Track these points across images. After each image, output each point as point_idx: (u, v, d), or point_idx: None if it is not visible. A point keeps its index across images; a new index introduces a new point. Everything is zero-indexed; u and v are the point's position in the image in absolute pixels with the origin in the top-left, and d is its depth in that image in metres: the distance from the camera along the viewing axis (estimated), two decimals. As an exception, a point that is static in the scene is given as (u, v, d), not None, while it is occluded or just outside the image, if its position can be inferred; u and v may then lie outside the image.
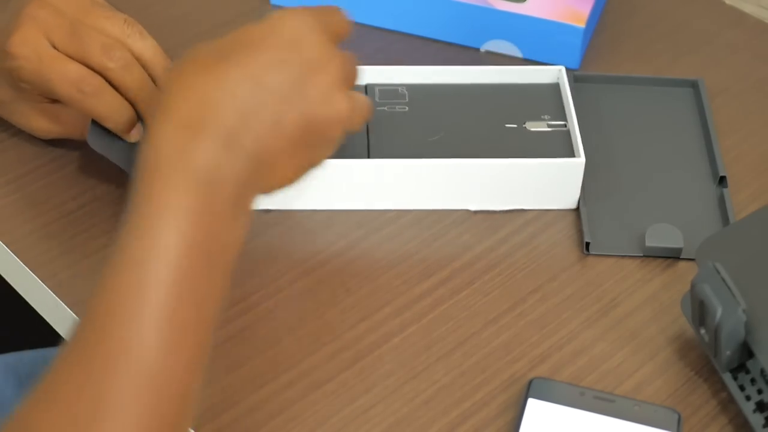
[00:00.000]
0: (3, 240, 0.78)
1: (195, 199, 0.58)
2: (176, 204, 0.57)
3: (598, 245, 0.79)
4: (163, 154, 0.59)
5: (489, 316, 0.75)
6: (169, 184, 0.58)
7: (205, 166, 0.58)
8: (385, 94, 0.84)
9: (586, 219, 0.80)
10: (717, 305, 0.66)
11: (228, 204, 0.59)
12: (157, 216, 0.57)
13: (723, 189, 0.82)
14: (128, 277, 0.56)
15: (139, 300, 0.56)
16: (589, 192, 0.82)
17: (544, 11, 0.91)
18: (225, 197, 0.59)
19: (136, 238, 0.57)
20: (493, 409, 0.69)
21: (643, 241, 0.78)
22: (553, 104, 0.84)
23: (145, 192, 0.58)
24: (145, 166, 0.59)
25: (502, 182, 0.79)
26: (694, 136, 0.86)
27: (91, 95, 0.76)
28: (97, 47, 0.76)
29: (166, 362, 0.56)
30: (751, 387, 0.67)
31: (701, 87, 0.89)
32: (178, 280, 0.57)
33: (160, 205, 0.58)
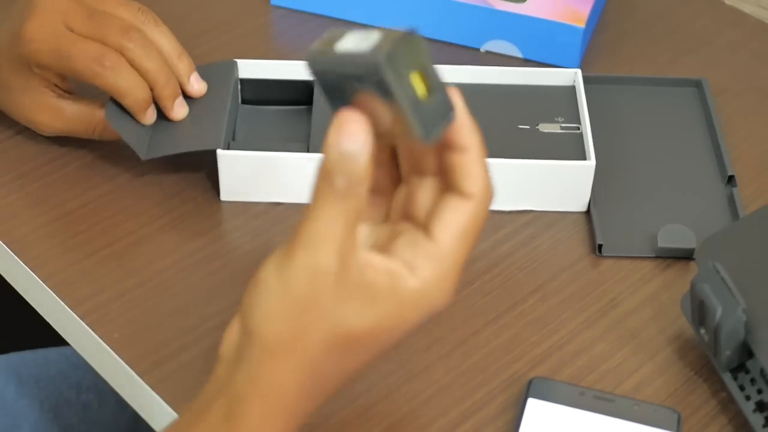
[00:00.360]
0: (3, 240, 0.78)
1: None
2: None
3: (611, 247, 0.78)
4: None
5: (489, 315, 0.75)
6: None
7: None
8: None
9: (598, 220, 0.79)
10: (717, 305, 0.66)
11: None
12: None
13: (732, 188, 0.82)
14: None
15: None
16: (599, 193, 0.81)
17: (544, 11, 0.91)
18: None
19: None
20: (493, 408, 0.69)
21: (654, 241, 0.78)
22: (566, 106, 0.84)
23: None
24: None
25: (513, 183, 0.79)
26: (700, 135, 0.86)
27: (111, 69, 0.77)
28: (116, 28, 0.77)
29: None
30: (751, 387, 0.67)
31: (705, 86, 0.89)
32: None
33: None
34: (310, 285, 0.56)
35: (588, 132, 0.81)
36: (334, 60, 0.56)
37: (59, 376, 0.94)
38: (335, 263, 0.56)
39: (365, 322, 0.57)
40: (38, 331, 0.92)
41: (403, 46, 0.54)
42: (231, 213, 0.80)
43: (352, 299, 0.57)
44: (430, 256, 0.58)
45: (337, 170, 0.56)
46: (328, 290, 0.56)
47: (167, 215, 0.80)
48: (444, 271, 0.58)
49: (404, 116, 0.55)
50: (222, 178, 0.80)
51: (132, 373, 0.71)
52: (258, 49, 0.93)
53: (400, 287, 0.57)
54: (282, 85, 0.85)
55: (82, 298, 0.75)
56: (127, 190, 0.82)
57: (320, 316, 0.57)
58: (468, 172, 0.59)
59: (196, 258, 0.77)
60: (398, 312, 0.58)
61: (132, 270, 0.76)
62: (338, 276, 0.56)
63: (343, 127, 0.56)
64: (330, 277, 0.56)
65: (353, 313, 0.57)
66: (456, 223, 0.59)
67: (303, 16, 0.97)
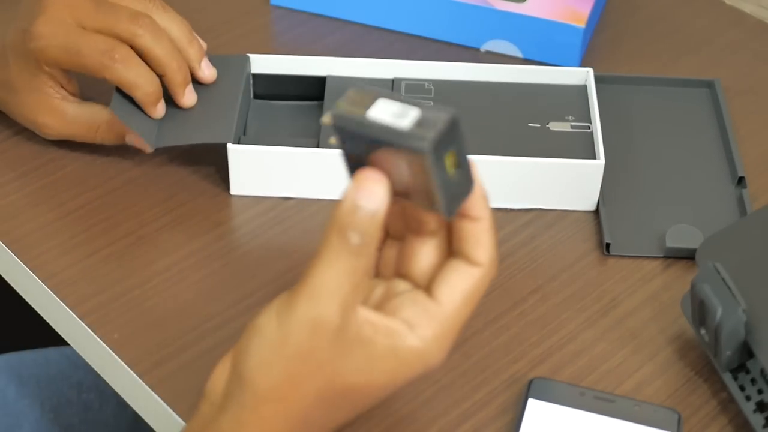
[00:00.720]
0: (3, 240, 0.78)
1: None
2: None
3: (618, 246, 0.78)
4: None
5: (489, 315, 0.75)
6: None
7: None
8: (411, 88, 0.85)
9: (606, 220, 0.79)
10: (717, 305, 0.66)
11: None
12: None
13: (742, 190, 0.82)
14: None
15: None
16: (608, 192, 0.81)
17: (544, 11, 0.91)
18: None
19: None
20: (493, 409, 0.69)
21: (662, 241, 0.78)
22: (577, 105, 0.84)
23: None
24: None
25: (522, 181, 0.79)
26: (710, 136, 0.86)
27: (121, 62, 0.77)
28: (125, 17, 0.77)
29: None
30: (752, 387, 0.67)
31: (717, 87, 0.89)
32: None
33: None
34: (310, 337, 0.56)
35: (599, 131, 0.80)
36: (367, 126, 0.57)
37: (60, 376, 0.94)
38: (338, 318, 0.56)
39: (361, 378, 0.58)
40: (38, 331, 0.92)
41: (447, 132, 0.56)
42: (240, 208, 0.80)
43: (351, 355, 0.57)
44: (432, 317, 0.59)
45: (353, 226, 0.56)
46: (328, 343, 0.57)
47: (167, 215, 0.80)
48: (444, 332, 0.60)
49: (432, 192, 0.57)
50: (232, 173, 0.80)
51: (132, 373, 0.71)
52: (258, 49, 0.93)
53: (399, 346, 0.58)
54: (294, 81, 0.85)
55: (82, 298, 0.75)
56: (127, 190, 0.82)
57: (317, 368, 0.57)
58: (478, 240, 0.60)
59: (196, 258, 0.77)
60: (394, 369, 0.59)
61: (132, 270, 0.76)
62: (339, 331, 0.57)
63: (365, 185, 0.57)
64: (331, 331, 0.56)
65: (350, 369, 0.58)
66: (462, 288, 0.60)
67: (303, 16, 0.97)
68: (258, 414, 0.57)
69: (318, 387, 0.58)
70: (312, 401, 0.58)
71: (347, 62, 0.85)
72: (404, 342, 0.58)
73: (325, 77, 0.85)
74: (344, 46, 0.94)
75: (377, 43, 0.94)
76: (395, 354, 0.58)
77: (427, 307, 0.59)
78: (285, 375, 0.57)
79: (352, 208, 0.56)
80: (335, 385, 0.58)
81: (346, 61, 0.85)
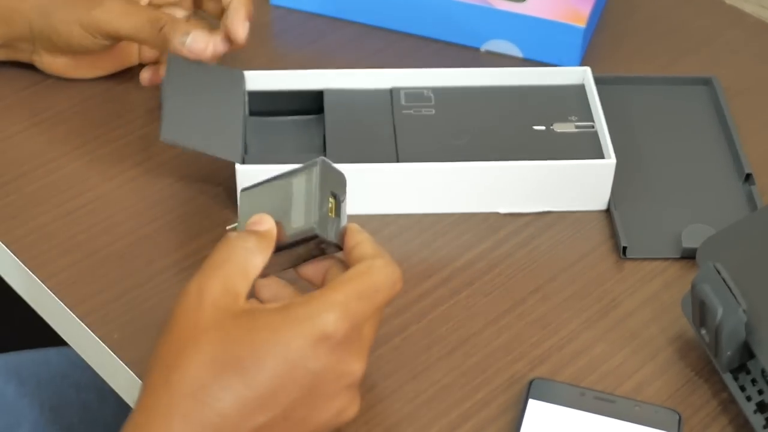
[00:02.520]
0: (3, 240, 0.78)
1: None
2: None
3: (634, 249, 0.78)
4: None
5: (489, 316, 0.75)
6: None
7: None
8: (410, 97, 0.84)
9: (620, 222, 0.79)
10: (717, 305, 0.66)
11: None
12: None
13: (751, 186, 0.82)
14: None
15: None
16: (617, 193, 0.81)
17: (544, 11, 0.91)
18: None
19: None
20: (493, 409, 0.69)
21: (678, 242, 0.78)
22: (578, 105, 0.84)
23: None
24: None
25: (533, 184, 0.79)
26: (713, 133, 0.86)
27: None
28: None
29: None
30: (752, 387, 0.67)
31: (716, 84, 0.89)
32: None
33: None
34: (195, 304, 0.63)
35: (604, 130, 0.80)
36: (264, 180, 0.68)
37: (59, 375, 0.94)
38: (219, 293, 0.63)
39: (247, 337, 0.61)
40: (38, 331, 0.92)
41: (328, 168, 0.66)
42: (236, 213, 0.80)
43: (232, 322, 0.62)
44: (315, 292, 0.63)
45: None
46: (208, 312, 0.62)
47: (167, 215, 0.80)
48: (328, 292, 0.62)
49: (315, 218, 0.65)
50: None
51: (132, 373, 0.71)
52: (258, 49, 0.93)
53: (283, 307, 0.62)
54: (288, 96, 0.84)
55: (82, 298, 0.75)
56: (127, 190, 0.82)
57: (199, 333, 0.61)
58: (360, 254, 0.65)
59: (196, 258, 0.77)
60: (278, 324, 0.61)
61: (132, 270, 0.76)
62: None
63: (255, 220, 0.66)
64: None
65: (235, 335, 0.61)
66: (350, 271, 0.64)
67: (303, 16, 0.97)
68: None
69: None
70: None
71: (344, 74, 0.84)
72: (291, 302, 0.62)
73: (322, 91, 0.84)
74: (344, 46, 0.94)
75: (377, 43, 0.94)
76: (280, 313, 0.61)
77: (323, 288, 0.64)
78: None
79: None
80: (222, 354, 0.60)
81: (343, 72, 0.84)
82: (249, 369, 0.59)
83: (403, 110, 0.83)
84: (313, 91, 0.84)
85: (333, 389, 0.62)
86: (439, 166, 0.78)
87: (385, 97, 0.84)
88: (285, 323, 0.60)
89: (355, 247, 0.65)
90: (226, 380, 0.59)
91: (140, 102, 0.88)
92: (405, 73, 0.84)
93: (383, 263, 0.64)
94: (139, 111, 0.87)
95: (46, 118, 0.86)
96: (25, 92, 0.88)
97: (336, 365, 0.61)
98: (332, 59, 0.92)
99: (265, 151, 0.82)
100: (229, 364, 0.59)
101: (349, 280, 0.63)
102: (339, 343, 0.61)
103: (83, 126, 0.86)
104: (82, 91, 0.88)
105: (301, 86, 0.84)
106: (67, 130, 0.86)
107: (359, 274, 0.63)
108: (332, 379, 0.61)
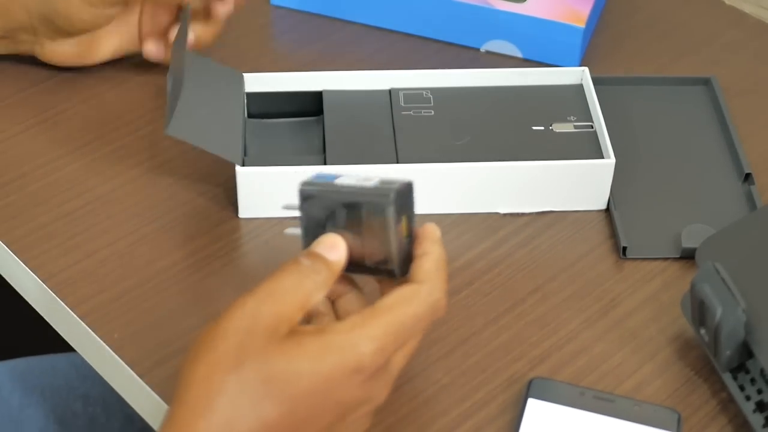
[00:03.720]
0: (3, 240, 0.78)
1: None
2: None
3: (634, 249, 0.78)
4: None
5: (489, 316, 0.75)
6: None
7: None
8: (409, 98, 0.84)
9: (620, 222, 0.79)
10: (717, 305, 0.66)
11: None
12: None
13: (750, 186, 0.82)
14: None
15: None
16: (617, 194, 0.81)
17: (544, 11, 0.91)
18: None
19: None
20: (493, 408, 0.69)
21: (677, 242, 0.78)
22: (576, 105, 0.84)
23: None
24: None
25: (532, 185, 0.79)
26: (711, 133, 0.86)
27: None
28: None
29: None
30: (751, 387, 0.67)
31: (714, 84, 0.89)
32: None
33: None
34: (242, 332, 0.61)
35: (603, 129, 0.80)
36: (334, 189, 0.64)
37: (66, 386, 0.93)
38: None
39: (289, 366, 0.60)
40: (38, 331, 0.92)
41: (404, 192, 0.64)
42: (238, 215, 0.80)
43: (280, 347, 0.60)
44: (361, 313, 0.62)
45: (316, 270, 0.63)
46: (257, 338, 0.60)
47: (167, 215, 0.80)
48: (371, 323, 0.61)
49: (389, 253, 0.64)
50: (240, 195, 0.79)
51: (132, 373, 0.71)
52: (258, 49, 0.93)
53: (324, 331, 0.61)
54: (287, 98, 0.84)
55: (82, 298, 0.75)
56: (126, 190, 0.82)
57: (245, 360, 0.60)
58: (419, 267, 0.64)
59: (196, 258, 0.77)
60: (320, 355, 0.60)
61: (132, 270, 0.76)
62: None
63: (327, 241, 0.64)
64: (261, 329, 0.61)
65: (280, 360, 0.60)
66: (396, 294, 0.62)
67: (303, 16, 0.97)
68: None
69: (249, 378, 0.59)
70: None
71: (343, 76, 0.84)
72: (331, 328, 0.61)
73: (321, 92, 0.84)
74: (344, 46, 0.94)
75: (377, 43, 0.94)
76: (320, 340, 0.60)
77: (363, 310, 0.62)
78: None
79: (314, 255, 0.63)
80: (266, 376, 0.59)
81: (342, 74, 0.84)
82: (287, 400, 0.59)
83: (402, 111, 0.83)
84: (312, 92, 0.84)
85: (357, 416, 0.62)
86: (438, 167, 0.78)
87: (384, 99, 0.84)
88: (323, 353, 0.59)
89: (419, 258, 0.64)
90: (262, 408, 0.59)
91: (141, 103, 0.88)
92: (404, 74, 0.84)
93: (430, 290, 0.63)
94: (140, 111, 0.87)
95: (46, 119, 0.87)
96: (26, 92, 0.88)
97: (364, 395, 0.61)
98: (332, 59, 0.92)
99: (264, 153, 0.82)
100: (268, 395, 0.59)
101: (391, 309, 0.61)
102: (371, 377, 0.61)
103: (84, 126, 0.86)
104: (82, 91, 0.88)
105: (300, 88, 0.84)
106: (67, 130, 0.86)
107: (403, 301, 0.62)
108: (358, 406, 0.61)
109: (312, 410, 0.59)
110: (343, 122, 0.82)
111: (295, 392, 0.59)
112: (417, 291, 0.63)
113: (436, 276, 0.64)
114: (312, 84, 0.84)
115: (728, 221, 0.79)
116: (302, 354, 0.59)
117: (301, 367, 0.59)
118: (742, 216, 0.79)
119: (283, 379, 0.59)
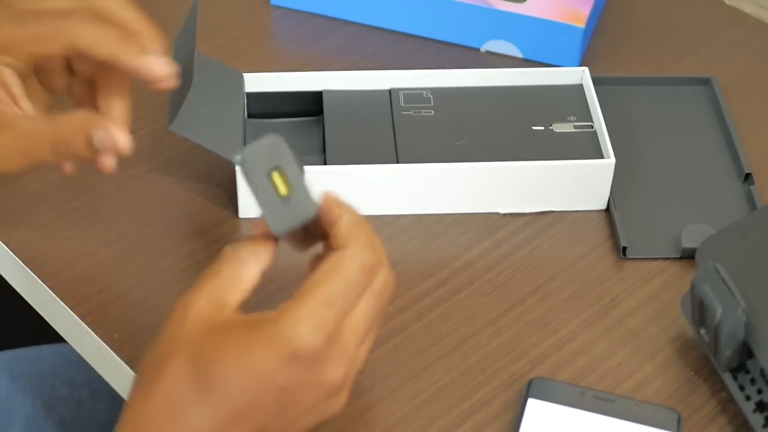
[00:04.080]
0: (3, 240, 0.78)
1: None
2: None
3: (634, 249, 0.78)
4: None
5: (489, 316, 0.75)
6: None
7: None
8: (409, 98, 0.84)
9: (620, 222, 0.79)
10: (717, 305, 0.66)
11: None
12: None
13: (750, 186, 0.82)
14: None
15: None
16: (617, 194, 0.81)
17: (544, 11, 0.91)
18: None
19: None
20: (493, 409, 0.69)
21: (677, 242, 0.78)
22: (576, 105, 0.84)
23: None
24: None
25: (532, 185, 0.79)
26: (711, 133, 0.86)
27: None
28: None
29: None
30: (751, 387, 0.67)
31: (714, 84, 0.89)
32: None
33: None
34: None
35: (603, 129, 0.80)
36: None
37: (52, 372, 0.94)
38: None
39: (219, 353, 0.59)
40: (38, 331, 0.92)
41: (265, 150, 0.61)
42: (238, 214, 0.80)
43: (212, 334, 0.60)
44: (293, 297, 0.60)
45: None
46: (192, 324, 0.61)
47: (167, 215, 0.80)
48: (299, 304, 0.59)
49: (261, 211, 0.61)
50: (240, 195, 0.79)
51: (132, 373, 0.71)
52: (258, 49, 0.93)
53: (255, 320, 0.59)
54: (287, 98, 0.84)
55: (82, 298, 0.75)
56: (127, 190, 0.82)
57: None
58: (338, 233, 0.61)
59: (196, 258, 0.77)
60: (249, 341, 0.59)
61: (132, 270, 0.76)
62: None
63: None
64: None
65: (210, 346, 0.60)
66: (322, 268, 0.60)
67: (303, 16, 0.97)
68: None
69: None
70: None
71: (343, 75, 0.84)
72: (261, 317, 0.59)
73: (320, 92, 0.84)
74: (344, 46, 0.94)
75: (377, 43, 0.94)
76: (248, 332, 0.59)
77: (294, 293, 0.60)
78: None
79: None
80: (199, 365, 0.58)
81: (341, 74, 0.84)
82: (219, 388, 0.58)
83: (402, 111, 0.83)
84: (311, 92, 0.84)
85: (311, 400, 0.60)
86: (438, 167, 0.78)
87: (384, 99, 0.84)
88: (253, 343, 0.58)
89: (332, 226, 0.61)
90: (199, 398, 0.58)
91: (141, 103, 0.88)
92: (404, 74, 0.84)
93: (353, 252, 0.60)
94: (140, 112, 0.87)
95: (46, 119, 0.86)
96: (25, 92, 0.88)
97: (311, 379, 0.59)
98: (332, 59, 0.92)
99: None
100: (201, 382, 0.58)
101: (316, 284, 0.59)
102: (314, 359, 0.58)
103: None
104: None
105: (299, 88, 0.84)
106: (67, 130, 0.86)
107: (326, 273, 0.60)
108: (309, 391, 0.59)
109: (253, 398, 0.58)
110: (343, 122, 0.82)
111: (228, 383, 0.58)
112: (340, 258, 0.60)
113: (356, 237, 0.61)
114: (312, 84, 0.84)
115: (728, 221, 0.78)
116: (231, 344, 0.58)
117: (230, 357, 0.58)
118: (742, 216, 0.79)
119: (214, 370, 0.58)
